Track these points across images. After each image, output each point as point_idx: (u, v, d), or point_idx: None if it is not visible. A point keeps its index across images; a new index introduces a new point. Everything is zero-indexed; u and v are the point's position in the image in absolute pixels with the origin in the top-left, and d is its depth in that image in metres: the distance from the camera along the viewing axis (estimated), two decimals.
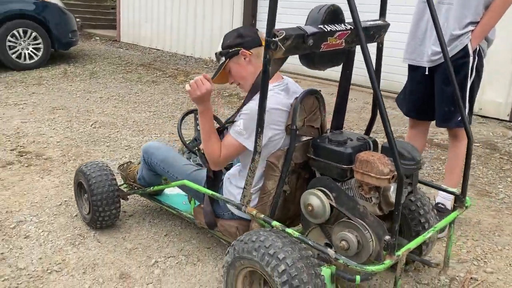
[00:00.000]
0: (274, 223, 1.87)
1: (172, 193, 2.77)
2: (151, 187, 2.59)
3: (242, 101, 2.08)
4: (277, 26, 1.66)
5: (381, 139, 4.40)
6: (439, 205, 2.76)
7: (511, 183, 3.45)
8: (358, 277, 1.78)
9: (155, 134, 4.42)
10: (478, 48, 2.58)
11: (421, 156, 1.98)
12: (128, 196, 2.77)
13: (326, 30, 1.79)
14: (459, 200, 2.11)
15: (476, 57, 2.59)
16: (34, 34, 7.08)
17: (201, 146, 2.49)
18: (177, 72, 7.35)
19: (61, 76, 6.74)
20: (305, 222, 2.02)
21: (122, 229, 2.69)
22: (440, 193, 2.77)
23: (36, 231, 2.64)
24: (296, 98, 2.01)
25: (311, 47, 1.77)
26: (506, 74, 4.76)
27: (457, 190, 2.23)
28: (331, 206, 1.87)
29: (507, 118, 4.92)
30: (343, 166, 1.91)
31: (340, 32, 1.84)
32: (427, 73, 2.71)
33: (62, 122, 4.62)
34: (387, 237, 1.68)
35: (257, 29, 2.11)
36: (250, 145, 1.95)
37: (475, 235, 2.70)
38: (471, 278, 2.29)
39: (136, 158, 3.77)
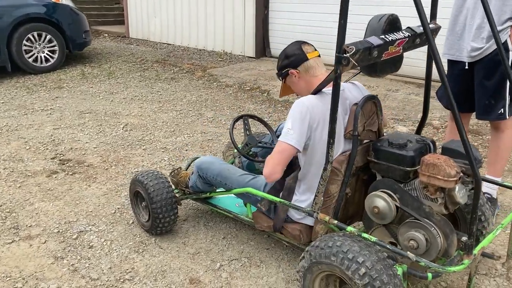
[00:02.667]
0: (349, 228, 1.95)
1: (223, 196, 2.85)
2: (207, 193, 2.68)
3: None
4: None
5: (410, 128, 4.47)
6: (486, 194, 2.84)
7: None
8: (430, 275, 1.87)
9: (187, 134, 4.49)
10: None
11: (481, 155, 2.05)
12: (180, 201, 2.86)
13: (388, 40, 1.87)
14: None
15: None
16: (48, 36, 7.11)
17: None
18: (193, 67, 7.39)
19: (80, 78, 6.79)
20: (368, 222, 2.10)
21: (180, 234, 2.78)
22: (485, 183, 2.85)
23: (98, 240, 2.73)
24: (356, 104, 2.08)
25: (375, 58, 1.85)
26: None
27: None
28: (397, 207, 1.95)
29: None
30: (407, 168, 1.99)
31: (400, 40, 1.92)
32: (466, 67, 2.77)
33: (93, 127, 4.69)
34: (464, 238, 1.76)
35: (301, 43, 2.18)
36: (292, 141, 2.00)
37: None
38: None
39: (174, 160, 3.86)
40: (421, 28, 2.07)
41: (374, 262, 1.77)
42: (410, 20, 2.33)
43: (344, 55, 1.72)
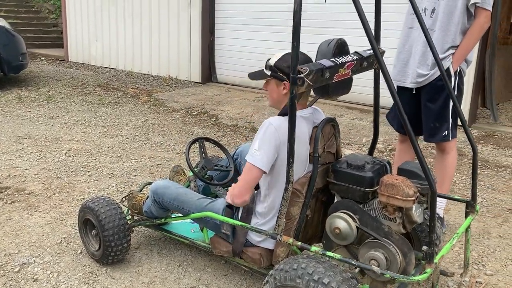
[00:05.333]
0: (314, 248, 1.95)
1: (178, 221, 2.76)
2: (162, 219, 2.59)
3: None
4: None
5: (356, 151, 4.61)
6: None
7: (485, 187, 3.75)
8: None
9: (134, 159, 4.36)
10: (458, 69, 2.82)
11: (434, 175, 2.14)
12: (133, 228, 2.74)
13: (338, 63, 1.96)
14: (471, 206, 2.30)
15: (457, 77, 2.82)
16: None
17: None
18: (138, 92, 7.25)
19: (16, 102, 6.44)
20: (328, 243, 2.10)
21: (133, 262, 2.65)
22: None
23: (44, 273, 2.54)
24: (316, 126, 2.12)
25: (327, 79, 1.92)
26: None
27: (467, 198, 2.42)
28: (357, 228, 1.98)
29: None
30: (366, 189, 2.03)
31: (349, 63, 2.01)
32: (413, 92, 2.92)
33: (33, 153, 4.44)
34: (425, 247, 1.81)
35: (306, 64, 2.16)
36: (260, 163, 2.00)
37: (470, 232, 2.91)
38: (476, 281, 2.48)
39: (122, 186, 3.72)
40: (367, 52, 2.18)
41: (340, 283, 1.77)
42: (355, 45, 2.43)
43: (299, 75, 1.77)
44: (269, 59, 2.14)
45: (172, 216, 2.60)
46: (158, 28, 8.37)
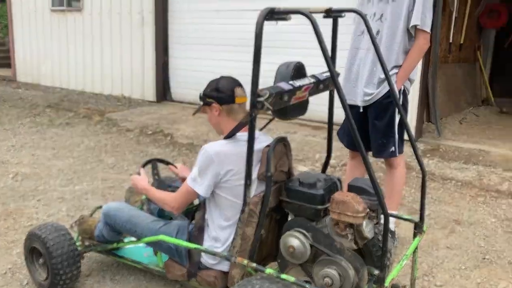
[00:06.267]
0: (268, 270, 1.96)
1: (131, 246, 2.70)
2: (114, 243, 2.53)
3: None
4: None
5: (310, 167, 4.69)
6: None
7: (432, 199, 3.90)
8: None
9: (86, 182, 4.24)
10: (402, 88, 2.95)
11: (382, 191, 2.21)
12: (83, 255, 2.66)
13: (296, 86, 2.00)
14: (419, 227, 2.39)
15: (402, 95, 2.95)
16: None
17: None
18: (90, 112, 7.08)
19: None
20: (283, 262, 2.11)
21: None
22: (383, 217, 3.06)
23: None
24: (268, 146, 2.15)
25: (286, 102, 1.96)
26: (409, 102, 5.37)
27: (411, 217, 2.51)
28: (311, 246, 2.00)
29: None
30: (317, 206, 2.07)
31: (306, 86, 2.06)
32: (361, 111, 3.03)
33: None
34: (376, 272, 1.86)
35: (236, 85, 2.20)
36: (198, 189, 2.08)
37: (418, 252, 3.02)
38: None
39: (73, 211, 3.61)
40: (323, 75, 2.25)
41: None
42: (311, 68, 2.50)
43: (259, 99, 1.80)
44: (201, 92, 2.26)
45: (125, 241, 2.55)
46: (111, 46, 8.25)
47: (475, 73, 8.09)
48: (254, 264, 1.99)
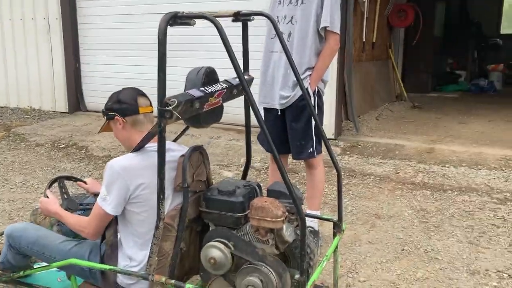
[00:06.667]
0: (188, 286, 1.86)
1: (42, 271, 2.47)
2: (21, 272, 2.29)
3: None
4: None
5: (235, 172, 4.64)
6: (309, 228, 3.04)
7: (353, 196, 4.00)
8: None
9: None
10: (316, 89, 2.97)
11: (301, 193, 2.20)
12: None
13: (208, 92, 1.92)
14: (337, 226, 2.39)
15: (316, 96, 2.97)
16: None
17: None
18: None
19: None
20: (206, 275, 2.02)
21: None
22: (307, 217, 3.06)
23: None
24: (182, 156, 2.04)
25: (197, 109, 1.88)
26: (327, 102, 5.46)
27: (330, 216, 2.51)
28: (232, 255, 1.93)
29: (333, 137, 5.67)
30: (238, 214, 2.00)
31: (218, 92, 1.99)
32: (279, 113, 3.01)
33: None
34: (297, 276, 1.82)
35: (138, 94, 2.07)
36: (107, 208, 1.94)
37: (342, 249, 3.06)
38: None
39: None
40: (237, 80, 2.17)
41: None
42: (225, 71, 2.44)
43: (167, 108, 1.70)
44: (102, 109, 2.13)
45: (34, 267, 2.33)
46: (14, 56, 7.65)
47: (388, 70, 8.50)
48: (172, 281, 1.88)
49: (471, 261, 2.91)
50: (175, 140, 2.33)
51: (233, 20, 2.11)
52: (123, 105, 2.04)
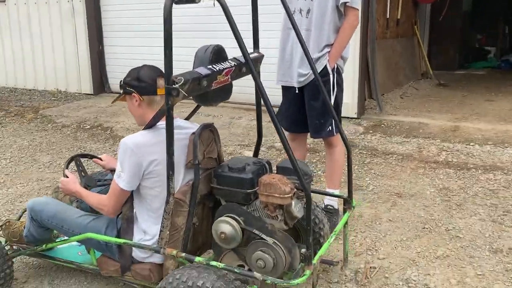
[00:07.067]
0: (197, 259, 1.94)
1: (63, 245, 2.54)
2: (43, 245, 2.40)
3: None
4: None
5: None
6: (328, 206, 3.06)
7: (375, 175, 3.97)
8: None
9: (20, 183, 4.00)
10: (336, 66, 2.94)
11: (311, 170, 2.22)
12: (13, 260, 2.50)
13: (215, 70, 1.96)
14: (347, 202, 2.45)
15: (335, 74, 2.94)
16: None
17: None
18: (23, 109, 6.70)
19: None
20: (217, 248, 2.11)
21: None
22: (326, 196, 3.07)
23: None
24: (193, 133, 2.08)
25: (205, 87, 1.92)
26: (349, 80, 5.41)
27: (344, 194, 2.53)
28: (242, 230, 1.99)
29: (355, 116, 5.62)
30: (247, 190, 2.06)
31: (227, 69, 2.03)
32: (297, 92, 3.00)
33: None
34: (303, 250, 1.87)
35: (158, 75, 2.09)
36: (122, 184, 2.01)
37: (362, 227, 3.07)
38: (370, 267, 2.60)
39: (7, 215, 3.39)
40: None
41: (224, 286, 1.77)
42: (234, 50, 2.44)
43: (174, 86, 1.74)
44: (121, 80, 2.17)
45: (55, 241, 2.42)
46: (41, 40, 7.80)
47: (414, 48, 8.31)
48: (183, 254, 1.96)
49: (494, 240, 2.88)
50: (187, 118, 2.37)
51: None
52: (142, 83, 2.08)
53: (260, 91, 1.81)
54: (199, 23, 6.22)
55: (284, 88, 3.08)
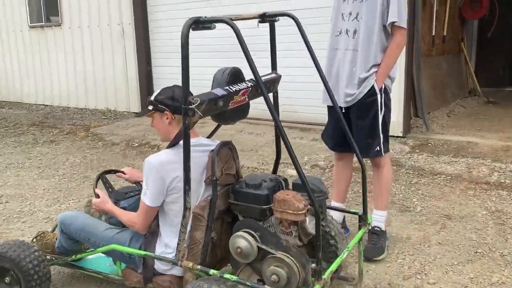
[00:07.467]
0: (212, 271, 2.00)
1: (93, 256, 2.70)
2: (73, 256, 2.55)
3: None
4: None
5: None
6: (375, 228, 3.01)
7: (422, 195, 3.88)
8: None
9: (72, 199, 4.17)
10: (383, 86, 2.91)
11: (326, 187, 2.27)
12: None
13: (232, 91, 2.07)
14: (362, 219, 2.47)
15: (383, 94, 2.91)
16: None
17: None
18: (75, 127, 7.01)
19: None
20: (235, 263, 2.16)
21: None
22: (373, 217, 3.03)
23: None
24: (212, 151, 2.18)
25: (222, 107, 2.02)
26: (394, 98, 5.34)
27: (359, 211, 2.55)
28: (258, 245, 2.04)
29: (401, 134, 5.52)
30: (263, 206, 2.12)
31: (243, 90, 2.13)
32: (343, 111, 2.99)
33: None
34: (313, 265, 1.91)
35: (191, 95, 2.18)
36: (147, 201, 2.11)
37: (410, 250, 2.99)
38: None
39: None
40: (263, 78, 2.32)
41: None
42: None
43: (190, 106, 1.85)
44: (150, 96, 2.26)
45: (83, 253, 2.56)
46: (92, 61, 8.17)
47: (460, 65, 8.12)
48: (198, 266, 2.03)
49: None
50: (209, 136, 2.48)
51: (259, 22, 2.25)
52: (175, 103, 2.18)
53: (270, 111, 1.88)
54: (235, 43, 6.32)
55: (330, 108, 3.08)
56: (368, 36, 2.81)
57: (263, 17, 2.22)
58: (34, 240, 2.74)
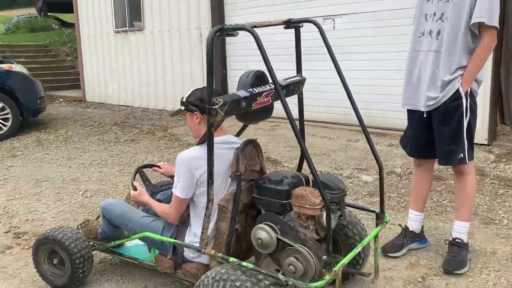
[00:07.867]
0: (231, 259, 2.11)
1: (131, 244, 2.85)
2: (113, 242, 2.74)
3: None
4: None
5: (375, 176, 4.52)
6: (457, 240, 2.84)
7: (510, 208, 3.61)
8: None
9: None
10: (469, 90, 2.74)
11: (344, 185, 2.29)
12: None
13: (255, 92, 2.17)
14: (379, 217, 2.49)
15: (469, 98, 2.74)
16: (1, 104, 6.91)
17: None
18: (154, 128, 7.32)
19: (35, 145, 6.57)
20: (257, 253, 2.26)
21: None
22: (455, 228, 2.86)
23: None
24: (237, 148, 2.29)
25: (245, 108, 2.13)
26: (479, 103, 5.03)
27: (376, 208, 2.54)
28: (277, 237, 2.13)
29: (486, 142, 5.18)
30: (283, 201, 2.21)
31: (266, 92, 2.24)
32: (425, 116, 2.85)
33: (50, 195, 4.48)
34: (324, 257, 1.96)
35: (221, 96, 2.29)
36: (178, 193, 2.25)
37: (495, 265, 2.79)
38: None
39: None
40: (288, 80, 2.43)
41: (251, 285, 1.93)
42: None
43: (213, 107, 1.97)
44: (182, 97, 2.39)
45: (121, 240, 2.74)
46: (171, 64, 8.51)
47: None
48: (219, 254, 2.14)
49: None
50: (237, 135, 2.60)
51: (285, 27, 2.34)
52: (204, 104, 2.25)
53: (288, 117, 1.93)
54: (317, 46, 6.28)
55: (410, 111, 2.95)
56: (453, 36, 2.66)
57: (288, 24, 2.32)
58: (79, 227, 2.97)
